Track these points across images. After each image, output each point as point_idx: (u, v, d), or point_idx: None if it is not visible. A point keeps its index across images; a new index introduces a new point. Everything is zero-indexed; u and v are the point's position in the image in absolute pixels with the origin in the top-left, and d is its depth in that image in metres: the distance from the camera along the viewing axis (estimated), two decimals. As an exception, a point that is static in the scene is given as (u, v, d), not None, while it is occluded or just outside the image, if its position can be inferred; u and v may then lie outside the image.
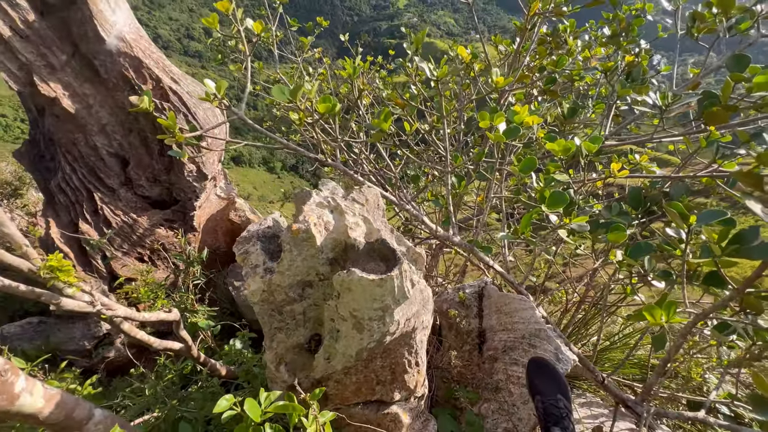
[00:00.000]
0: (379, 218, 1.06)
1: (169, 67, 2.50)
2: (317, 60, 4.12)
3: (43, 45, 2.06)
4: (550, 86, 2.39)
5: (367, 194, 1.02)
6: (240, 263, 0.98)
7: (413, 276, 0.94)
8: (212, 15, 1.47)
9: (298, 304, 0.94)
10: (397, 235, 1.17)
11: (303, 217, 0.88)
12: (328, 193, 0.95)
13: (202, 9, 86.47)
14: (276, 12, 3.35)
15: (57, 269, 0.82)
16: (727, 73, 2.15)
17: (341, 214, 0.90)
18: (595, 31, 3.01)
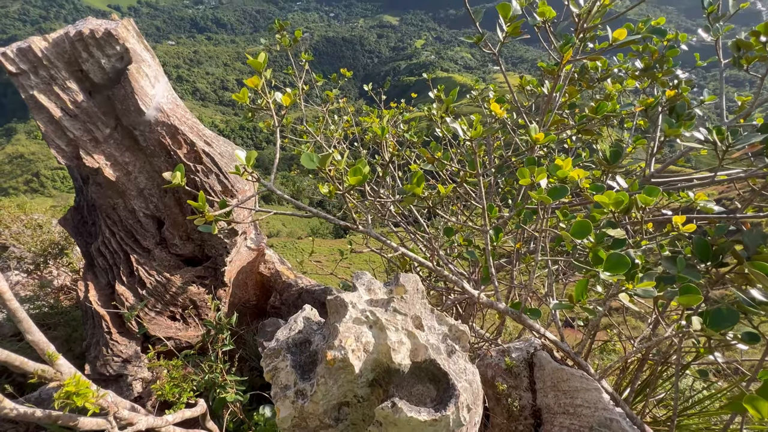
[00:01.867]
0: (418, 302, 0.95)
1: (202, 131, 2.60)
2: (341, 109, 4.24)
3: (89, 121, 2.19)
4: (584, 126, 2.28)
5: (406, 282, 0.92)
6: (268, 380, 0.89)
7: (468, 397, 0.80)
8: (242, 91, 1.50)
9: (334, 429, 0.83)
10: (438, 314, 1.06)
11: (339, 342, 0.78)
12: (366, 303, 0.85)
13: (235, 63, 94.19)
14: (303, 69, 3.50)
15: (74, 394, 0.78)
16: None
17: (382, 329, 0.81)
18: (625, 65, 2.89)
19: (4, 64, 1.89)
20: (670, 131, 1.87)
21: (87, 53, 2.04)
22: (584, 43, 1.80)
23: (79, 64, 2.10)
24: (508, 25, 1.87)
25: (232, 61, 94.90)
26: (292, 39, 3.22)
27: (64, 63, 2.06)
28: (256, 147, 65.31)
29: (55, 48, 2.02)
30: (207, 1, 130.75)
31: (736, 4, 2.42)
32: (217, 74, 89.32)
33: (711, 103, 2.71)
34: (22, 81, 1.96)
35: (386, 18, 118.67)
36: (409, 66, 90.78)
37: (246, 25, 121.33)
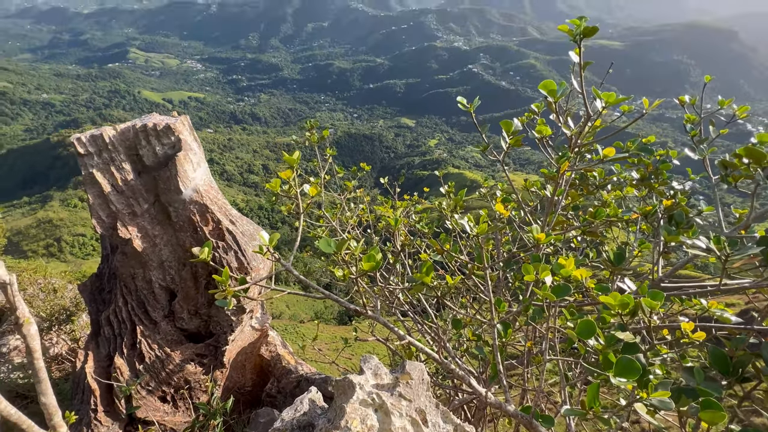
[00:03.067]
0: (423, 393, 0.94)
1: (229, 210, 2.81)
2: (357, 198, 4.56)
3: (132, 197, 2.42)
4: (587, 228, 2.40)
5: (412, 370, 0.94)
6: (269, 465, 0.87)
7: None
8: (275, 180, 1.71)
9: None
10: (443, 410, 1.03)
11: (345, 422, 0.79)
12: (373, 387, 0.87)
13: (263, 150, 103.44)
14: (326, 162, 3.89)
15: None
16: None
17: (387, 414, 0.81)
18: (623, 174, 3.13)
19: (76, 147, 2.20)
20: (669, 238, 1.96)
21: (146, 141, 2.37)
22: (580, 156, 2.02)
23: (137, 149, 2.42)
24: (510, 138, 2.14)
25: (261, 149, 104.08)
26: (320, 137, 3.66)
27: (125, 148, 2.38)
28: (271, 226, 67.49)
29: (121, 136, 2.36)
30: (247, 100, 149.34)
31: (716, 130, 2.72)
32: (245, 159, 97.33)
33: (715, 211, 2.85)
34: (86, 161, 2.25)
35: (404, 120, 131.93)
36: (423, 161, 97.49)
37: (278, 119, 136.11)
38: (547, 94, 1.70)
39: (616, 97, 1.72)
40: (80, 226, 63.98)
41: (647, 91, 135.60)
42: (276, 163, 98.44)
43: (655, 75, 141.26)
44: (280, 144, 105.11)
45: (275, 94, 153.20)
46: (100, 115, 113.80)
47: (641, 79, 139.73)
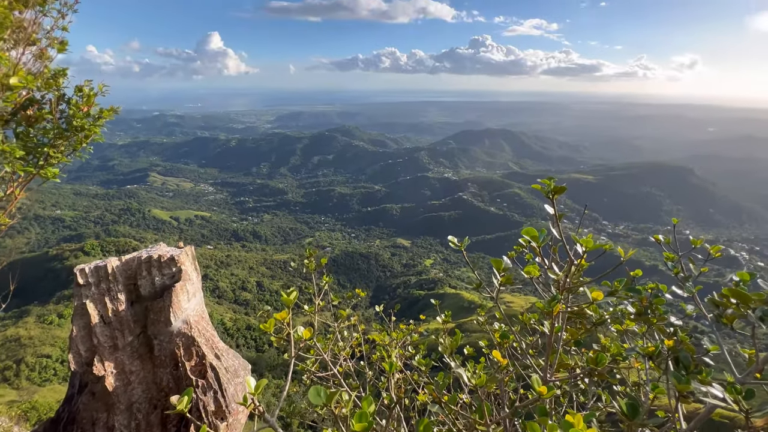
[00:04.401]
0: None
1: (216, 344, 2.69)
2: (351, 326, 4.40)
3: (118, 329, 2.35)
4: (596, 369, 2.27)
5: None
6: None
7: None
8: (269, 321, 1.70)
9: None
10: None
11: None
12: None
13: (260, 267, 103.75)
14: (322, 290, 3.90)
15: None
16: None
17: None
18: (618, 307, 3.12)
19: (77, 277, 2.23)
20: (680, 387, 1.85)
21: (147, 272, 2.42)
22: (571, 294, 2.07)
23: (136, 279, 2.46)
24: (502, 275, 2.22)
25: (257, 266, 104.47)
26: (317, 264, 3.76)
27: (125, 278, 2.42)
28: (257, 349, 62.64)
29: (124, 266, 2.42)
30: (251, 219, 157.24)
31: (697, 268, 2.85)
32: (240, 276, 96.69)
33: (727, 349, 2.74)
34: (83, 291, 2.26)
35: (400, 240, 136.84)
36: (419, 281, 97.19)
37: (278, 237, 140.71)
38: (530, 239, 1.86)
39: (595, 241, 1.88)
40: (48, 346, 58.97)
41: (627, 217, 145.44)
42: (270, 279, 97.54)
43: (630, 203, 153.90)
44: (278, 261, 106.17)
45: (278, 214, 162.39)
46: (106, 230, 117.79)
47: (619, 207, 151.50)
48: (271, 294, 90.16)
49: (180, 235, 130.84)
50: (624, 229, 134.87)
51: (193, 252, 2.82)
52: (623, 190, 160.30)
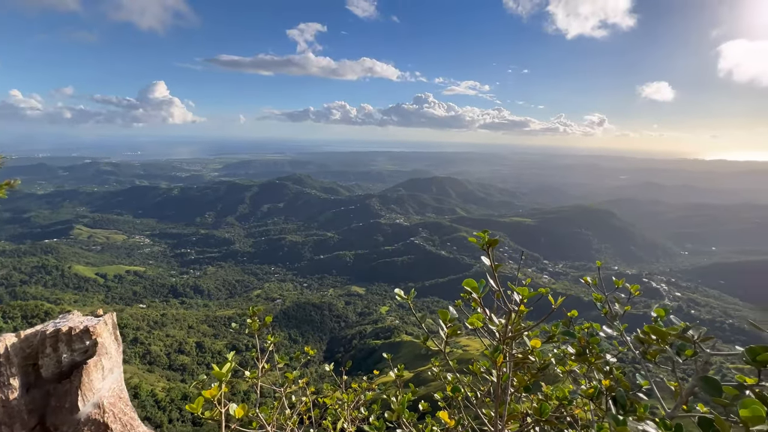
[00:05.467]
0: None
1: (136, 428, 2.33)
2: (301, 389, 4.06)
3: (5, 423, 1.95)
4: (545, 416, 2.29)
5: None
6: None
7: None
8: (197, 400, 1.51)
9: None
10: None
11: None
12: None
13: (200, 325, 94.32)
14: (266, 351, 3.61)
15: None
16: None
17: None
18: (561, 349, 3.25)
19: (-45, 362, 1.86)
20: (618, 428, 1.92)
21: (53, 348, 2.09)
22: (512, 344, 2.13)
23: (36, 359, 2.11)
24: (448, 327, 2.23)
25: (197, 324, 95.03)
26: (262, 324, 3.52)
27: (21, 359, 2.06)
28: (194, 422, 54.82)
29: (21, 344, 2.07)
30: (192, 272, 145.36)
31: (622, 307, 3.12)
32: (177, 336, 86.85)
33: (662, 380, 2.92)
34: (-38, 379, 1.87)
35: (354, 288, 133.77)
36: (375, 330, 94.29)
37: (223, 291, 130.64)
38: (471, 290, 1.92)
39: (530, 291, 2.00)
40: None
41: (564, 256, 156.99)
42: (212, 339, 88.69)
43: (565, 243, 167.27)
44: (222, 317, 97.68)
45: (223, 266, 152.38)
46: (12, 293, 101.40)
47: (556, 246, 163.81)
48: (213, 355, 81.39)
49: (106, 293, 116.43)
50: (563, 267, 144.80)
51: (114, 320, 2.51)
52: (557, 231, 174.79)
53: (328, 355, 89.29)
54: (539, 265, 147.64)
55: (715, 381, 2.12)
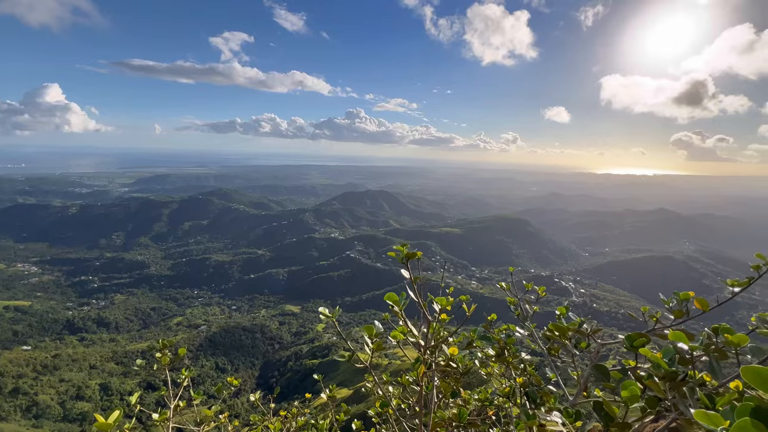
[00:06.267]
0: None
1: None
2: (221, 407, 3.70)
3: None
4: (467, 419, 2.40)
5: None
6: None
7: None
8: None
9: None
10: None
11: None
12: None
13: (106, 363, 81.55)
14: (180, 387, 3.24)
15: None
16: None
17: None
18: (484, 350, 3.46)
19: None
20: (529, 423, 2.09)
21: None
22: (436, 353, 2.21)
23: None
24: (373, 341, 2.24)
25: (102, 362, 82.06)
26: (174, 357, 3.15)
27: None
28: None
29: None
30: (95, 303, 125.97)
31: (532, 307, 3.46)
32: (75, 380, 73.80)
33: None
34: None
35: (288, 307, 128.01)
36: (312, 349, 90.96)
37: (135, 322, 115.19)
38: (392, 304, 1.96)
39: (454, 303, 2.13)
40: None
41: (488, 262, 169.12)
42: (122, 378, 77.23)
43: (489, 250, 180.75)
44: (133, 352, 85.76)
45: (135, 293, 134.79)
46: None
47: (481, 253, 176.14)
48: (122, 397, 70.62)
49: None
50: (488, 273, 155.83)
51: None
52: (482, 239, 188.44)
53: (262, 381, 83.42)
54: (468, 272, 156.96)
55: (603, 368, 2.42)
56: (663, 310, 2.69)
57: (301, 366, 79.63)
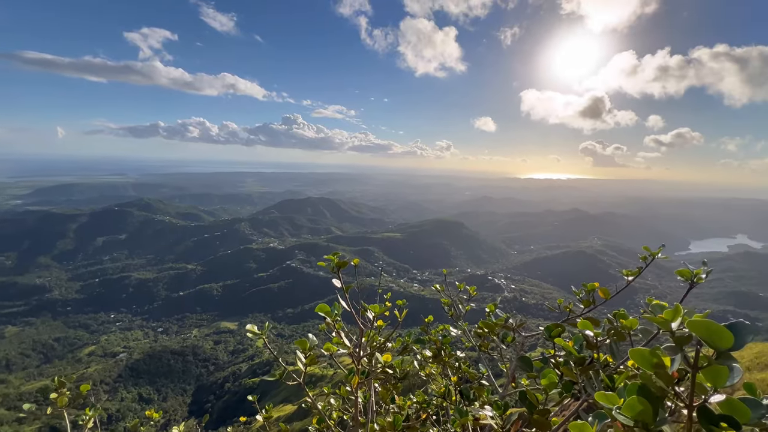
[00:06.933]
0: None
1: None
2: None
3: None
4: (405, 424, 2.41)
5: None
6: None
7: None
8: None
9: None
10: None
11: None
12: None
13: (-6, 410, 68.27)
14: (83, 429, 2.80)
15: None
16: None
17: None
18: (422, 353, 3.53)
19: None
20: (462, 420, 2.17)
21: None
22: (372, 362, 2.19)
23: None
24: (306, 356, 2.15)
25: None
26: (75, 395, 2.71)
27: None
28: None
29: None
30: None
31: (463, 308, 3.62)
32: (-52, 436, 60.82)
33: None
34: None
35: (224, 324, 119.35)
36: (252, 366, 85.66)
37: (33, 357, 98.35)
38: (324, 315, 1.90)
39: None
40: None
41: (429, 265, 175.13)
42: (17, 426, 65.13)
43: (429, 252, 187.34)
44: (29, 393, 73.05)
45: (34, 322, 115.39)
46: None
47: (422, 256, 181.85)
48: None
49: None
50: (429, 275, 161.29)
51: None
52: (422, 243, 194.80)
53: (195, 408, 76.27)
54: (410, 275, 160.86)
55: (527, 359, 2.61)
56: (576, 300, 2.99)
57: (240, 386, 74.50)
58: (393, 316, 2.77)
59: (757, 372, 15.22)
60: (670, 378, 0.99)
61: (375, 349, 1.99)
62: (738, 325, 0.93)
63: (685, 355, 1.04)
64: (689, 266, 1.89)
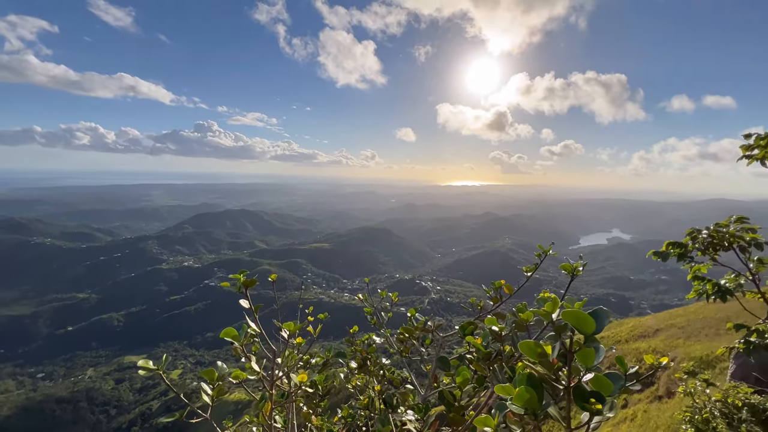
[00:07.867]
0: None
1: None
2: None
3: None
4: None
5: None
6: None
7: None
8: None
9: None
10: None
11: None
12: None
13: None
14: None
15: None
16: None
17: None
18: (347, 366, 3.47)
19: None
20: (383, 430, 2.17)
21: None
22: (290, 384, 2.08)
23: None
24: (214, 387, 1.95)
25: None
26: None
27: None
28: None
29: None
30: None
31: (386, 315, 3.68)
32: None
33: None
34: None
35: (128, 359, 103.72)
36: (166, 402, 75.70)
37: None
38: (231, 339, 1.74)
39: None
40: None
41: (359, 273, 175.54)
42: None
43: (358, 260, 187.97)
44: None
45: None
46: None
47: (351, 265, 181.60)
48: None
49: None
50: (359, 283, 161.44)
51: None
52: (351, 251, 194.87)
53: (92, 463, 64.45)
54: (340, 285, 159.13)
55: (445, 358, 2.72)
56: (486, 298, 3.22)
57: (150, 429, 65.22)
58: (323, 328, 2.68)
59: (632, 342, 18.14)
60: (551, 365, 1.10)
61: (291, 370, 1.89)
62: (598, 311, 1.08)
63: (563, 342, 1.17)
64: (570, 260, 2.16)
